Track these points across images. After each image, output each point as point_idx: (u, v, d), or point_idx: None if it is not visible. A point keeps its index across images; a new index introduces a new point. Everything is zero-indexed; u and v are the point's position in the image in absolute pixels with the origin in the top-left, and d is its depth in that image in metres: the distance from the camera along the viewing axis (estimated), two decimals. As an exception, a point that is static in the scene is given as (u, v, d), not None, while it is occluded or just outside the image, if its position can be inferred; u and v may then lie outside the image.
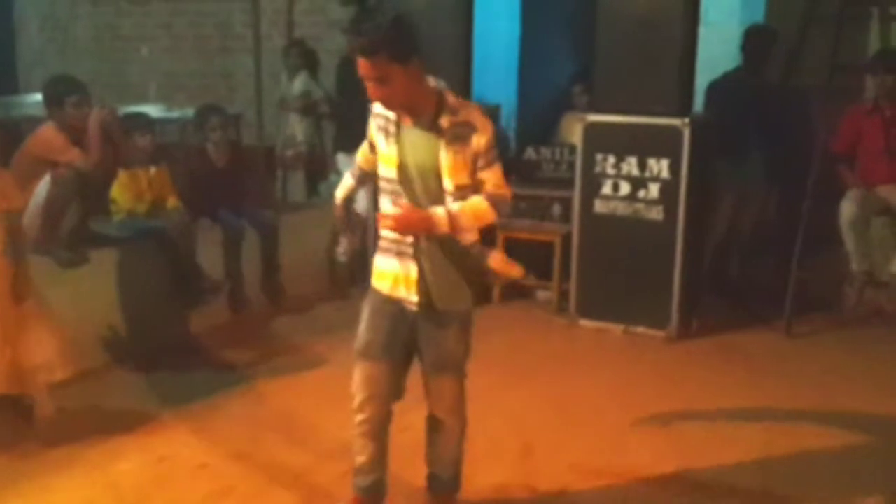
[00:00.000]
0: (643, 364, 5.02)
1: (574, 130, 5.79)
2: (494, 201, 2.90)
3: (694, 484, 3.64)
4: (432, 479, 3.29)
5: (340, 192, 3.28)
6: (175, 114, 6.49)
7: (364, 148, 3.14)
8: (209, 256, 5.38)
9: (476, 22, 5.99)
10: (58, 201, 4.51)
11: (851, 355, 5.15)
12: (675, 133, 5.20)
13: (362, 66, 2.71)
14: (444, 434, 3.19)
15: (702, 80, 5.78)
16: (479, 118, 2.87)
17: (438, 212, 2.84)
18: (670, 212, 5.28)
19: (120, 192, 5.18)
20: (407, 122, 2.88)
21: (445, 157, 2.84)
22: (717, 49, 6.03)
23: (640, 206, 5.38)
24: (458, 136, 2.83)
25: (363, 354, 3.04)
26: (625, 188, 5.40)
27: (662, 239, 5.31)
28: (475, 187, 2.90)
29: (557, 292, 5.89)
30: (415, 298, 2.97)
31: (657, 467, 3.74)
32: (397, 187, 2.92)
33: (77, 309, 4.51)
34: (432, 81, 2.87)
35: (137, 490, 3.53)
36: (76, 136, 4.57)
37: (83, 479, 3.59)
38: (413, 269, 2.96)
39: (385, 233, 2.98)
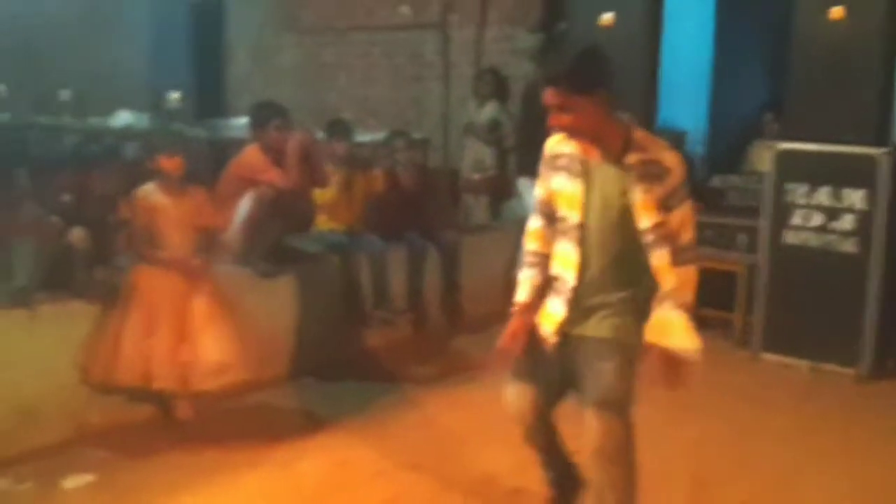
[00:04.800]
0: (829, 403, 4.79)
1: (764, 158, 5.63)
2: (692, 258, 2.88)
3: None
4: None
5: (524, 293, 3.05)
6: (367, 138, 6.80)
7: (536, 226, 3.05)
8: (393, 274, 5.59)
9: (666, 47, 5.96)
10: (258, 217, 4.84)
11: None
12: (873, 163, 4.97)
13: (548, 93, 2.74)
14: (597, 483, 2.97)
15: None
16: (669, 156, 2.81)
17: (676, 323, 2.83)
18: (865, 244, 5.04)
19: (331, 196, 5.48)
20: (593, 158, 2.84)
21: (636, 196, 2.77)
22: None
23: (832, 237, 5.17)
24: (649, 175, 2.77)
25: (513, 374, 3.10)
26: (816, 219, 5.21)
27: (856, 272, 5.07)
28: (664, 227, 2.81)
29: (741, 324, 5.72)
30: (570, 331, 2.93)
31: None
32: (583, 230, 2.86)
33: (270, 317, 4.82)
34: (621, 116, 2.83)
35: (317, 490, 3.74)
36: (277, 157, 4.90)
37: (268, 477, 3.84)
38: (567, 310, 2.91)
39: (555, 272, 2.96)
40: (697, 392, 4.81)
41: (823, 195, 5.18)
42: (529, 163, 6.37)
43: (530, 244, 3.07)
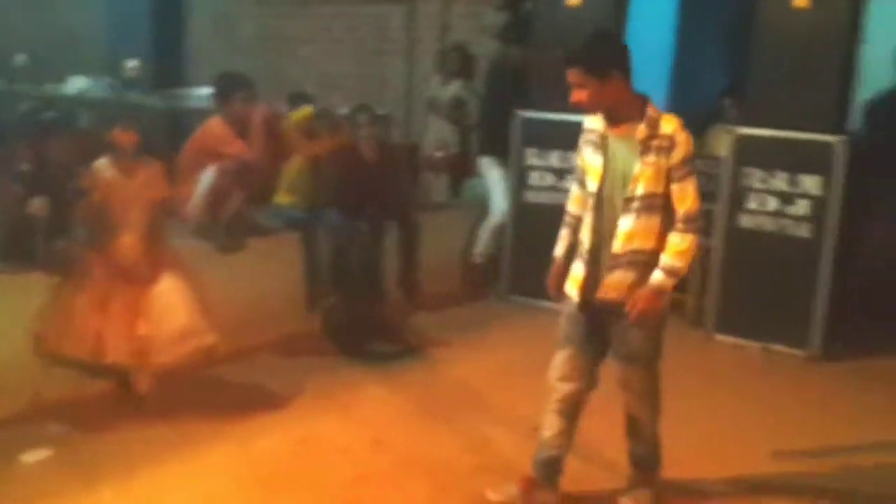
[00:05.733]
0: (780, 385, 4.90)
1: (722, 143, 5.71)
2: (690, 225, 3.17)
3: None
4: (631, 453, 3.48)
5: (559, 249, 3.44)
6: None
7: (574, 192, 3.39)
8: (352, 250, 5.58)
9: (629, 30, 5.99)
10: (220, 190, 4.81)
11: None
12: (829, 150, 5.07)
13: (568, 73, 3.11)
14: (633, 421, 3.40)
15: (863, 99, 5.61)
16: (678, 133, 3.10)
17: (657, 277, 3.14)
18: (819, 230, 5.15)
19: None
20: (612, 133, 3.17)
21: (638, 165, 3.10)
22: (881, 68, 5.83)
23: (787, 222, 5.26)
24: (656, 148, 3.09)
25: (560, 343, 3.36)
26: (772, 203, 5.30)
27: (809, 257, 5.18)
28: (663, 197, 3.13)
29: (694, 306, 5.82)
30: (591, 297, 3.25)
31: (783, 491, 3.71)
32: (598, 199, 3.20)
33: (229, 291, 4.79)
34: (639, 94, 3.15)
35: (278, 468, 3.73)
36: (241, 129, 4.86)
37: (227, 454, 3.82)
38: (585, 271, 3.25)
39: (580, 237, 3.30)
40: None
41: (780, 180, 5.28)
42: (492, 142, 6.45)
43: (569, 206, 3.42)
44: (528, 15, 6.29)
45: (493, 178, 6.46)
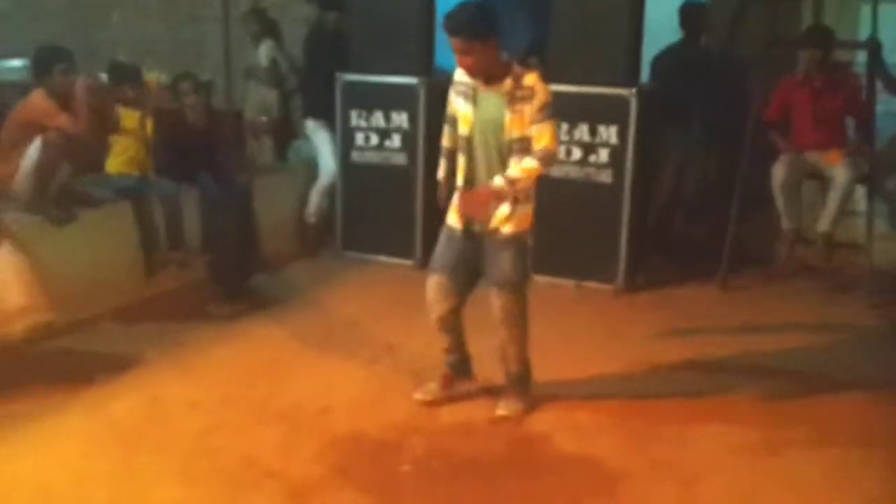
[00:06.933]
0: (593, 315, 5.45)
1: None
2: (542, 158, 3.69)
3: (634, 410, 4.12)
4: (506, 373, 4.07)
5: (441, 172, 4.04)
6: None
7: (446, 130, 3.94)
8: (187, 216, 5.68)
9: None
10: (48, 163, 4.80)
11: (778, 304, 5.65)
12: (623, 102, 5.60)
13: (453, 42, 3.60)
14: (502, 339, 3.95)
15: (647, 53, 6.17)
16: (538, 84, 3.66)
17: (497, 182, 3.68)
18: (618, 175, 5.70)
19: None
20: (482, 88, 3.72)
21: (508, 115, 3.65)
22: (662, 24, 6.42)
23: (590, 169, 5.77)
24: (520, 98, 3.64)
25: (433, 269, 3.94)
26: (577, 153, 5.79)
27: (611, 200, 5.72)
28: (531, 139, 3.66)
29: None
30: (471, 227, 3.83)
31: (601, 399, 4.22)
32: (469, 142, 3.77)
33: (65, 263, 4.80)
34: (504, 55, 3.69)
35: (134, 426, 3.89)
36: (64, 102, 4.85)
37: (82, 418, 3.93)
38: None
39: (457, 176, 3.85)
40: (476, 311, 5.35)
41: (582, 132, 5.74)
42: (315, 105, 6.64)
43: (444, 142, 3.99)
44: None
45: (320, 141, 6.67)
